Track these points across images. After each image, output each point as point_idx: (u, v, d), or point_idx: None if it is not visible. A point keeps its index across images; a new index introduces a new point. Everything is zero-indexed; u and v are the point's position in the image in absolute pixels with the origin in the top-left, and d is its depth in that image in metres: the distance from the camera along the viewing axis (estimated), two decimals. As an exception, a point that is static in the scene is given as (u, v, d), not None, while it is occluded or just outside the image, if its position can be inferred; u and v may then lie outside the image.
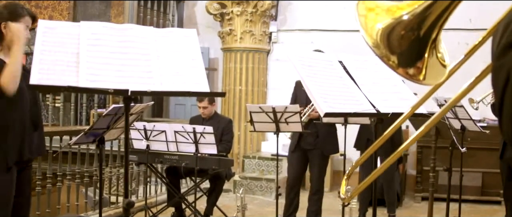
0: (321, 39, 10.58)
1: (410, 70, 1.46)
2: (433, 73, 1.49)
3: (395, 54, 1.45)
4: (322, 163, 6.80)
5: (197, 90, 2.94)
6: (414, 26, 1.42)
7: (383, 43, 1.45)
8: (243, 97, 10.59)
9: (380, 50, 1.45)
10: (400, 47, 1.45)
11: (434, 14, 1.43)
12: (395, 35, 1.43)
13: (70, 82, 2.74)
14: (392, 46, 1.44)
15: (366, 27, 1.50)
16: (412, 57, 1.46)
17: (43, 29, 2.96)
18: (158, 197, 7.97)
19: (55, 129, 8.25)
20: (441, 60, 1.51)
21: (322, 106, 3.23)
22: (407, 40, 1.44)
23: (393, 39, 1.44)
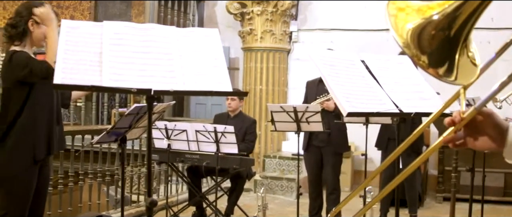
0: (341, 38, 10.57)
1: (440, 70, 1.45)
2: (465, 73, 1.48)
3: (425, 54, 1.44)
4: (336, 160, 6.79)
5: (220, 90, 2.94)
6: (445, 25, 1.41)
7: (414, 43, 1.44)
8: (264, 97, 10.59)
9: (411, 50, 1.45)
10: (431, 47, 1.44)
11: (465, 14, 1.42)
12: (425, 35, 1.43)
13: (94, 82, 2.75)
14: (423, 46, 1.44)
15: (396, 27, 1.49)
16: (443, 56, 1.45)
17: (66, 29, 2.98)
18: (179, 196, 8.01)
19: (77, 128, 8.31)
20: (472, 59, 1.50)
21: (345, 106, 3.21)
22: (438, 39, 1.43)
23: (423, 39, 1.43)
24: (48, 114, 3.89)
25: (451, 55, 1.44)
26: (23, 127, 3.87)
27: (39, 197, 4.12)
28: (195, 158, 6.68)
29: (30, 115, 3.85)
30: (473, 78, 1.51)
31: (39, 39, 3.94)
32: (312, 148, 6.74)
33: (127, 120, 4.60)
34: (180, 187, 8.60)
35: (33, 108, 3.85)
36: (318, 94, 6.67)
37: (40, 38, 3.93)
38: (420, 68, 1.54)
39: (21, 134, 3.87)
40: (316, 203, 6.90)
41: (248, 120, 7.41)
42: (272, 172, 9.93)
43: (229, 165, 6.56)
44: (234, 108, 7.23)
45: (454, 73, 1.45)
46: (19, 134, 3.88)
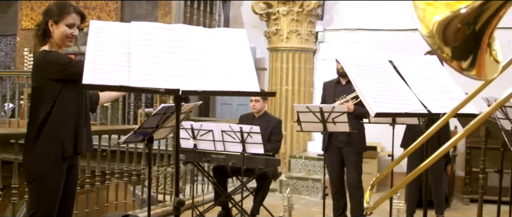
0: (367, 38, 10.53)
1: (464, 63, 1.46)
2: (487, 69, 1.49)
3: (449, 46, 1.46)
4: (357, 160, 6.76)
5: (248, 90, 2.94)
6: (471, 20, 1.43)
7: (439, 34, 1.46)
8: (290, 97, 10.57)
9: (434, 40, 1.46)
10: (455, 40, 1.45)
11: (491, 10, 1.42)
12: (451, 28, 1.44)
13: (122, 82, 2.77)
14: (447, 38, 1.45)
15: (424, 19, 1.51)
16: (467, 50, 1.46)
17: (95, 30, 3.00)
18: (205, 196, 8.03)
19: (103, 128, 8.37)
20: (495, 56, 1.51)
21: (373, 106, 3.20)
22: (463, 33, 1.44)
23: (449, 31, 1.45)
24: (77, 114, 3.92)
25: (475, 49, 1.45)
26: (52, 125, 3.90)
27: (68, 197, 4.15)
28: (221, 158, 6.69)
29: (59, 114, 3.88)
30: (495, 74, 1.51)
31: (60, 39, 3.93)
32: (332, 148, 6.72)
33: (154, 120, 4.61)
34: (206, 187, 8.62)
35: (62, 107, 3.88)
36: (336, 95, 6.65)
37: (60, 38, 3.92)
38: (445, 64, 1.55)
39: (50, 133, 3.90)
40: (340, 204, 6.88)
41: (274, 120, 7.40)
42: (298, 172, 9.93)
43: (255, 165, 6.56)
44: (258, 109, 7.23)
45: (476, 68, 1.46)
46: (49, 133, 3.90)
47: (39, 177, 3.94)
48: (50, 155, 3.89)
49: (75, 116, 3.91)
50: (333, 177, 6.83)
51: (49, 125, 3.91)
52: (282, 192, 8.95)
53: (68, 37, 3.93)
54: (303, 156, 10.09)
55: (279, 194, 9.31)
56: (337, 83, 6.77)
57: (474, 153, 8.73)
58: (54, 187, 3.96)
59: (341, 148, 6.67)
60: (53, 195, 3.97)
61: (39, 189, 3.99)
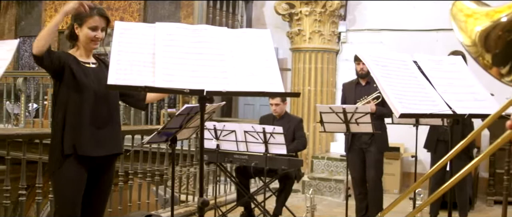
0: (390, 38, 10.48)
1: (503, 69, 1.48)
2: None
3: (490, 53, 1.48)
4: (379, 161, 6.74)
5: (272, 90, 2.94)
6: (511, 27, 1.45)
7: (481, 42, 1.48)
8: (312, 98, 10.55)
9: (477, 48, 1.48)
10: (496, 47, 1.47)
11: None
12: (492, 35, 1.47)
13: (147, 82, 2.78)
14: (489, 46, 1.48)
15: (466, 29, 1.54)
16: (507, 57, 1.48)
17: (120, 30, 3.02)
18: (228, 196, 8.03)
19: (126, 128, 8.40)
20: None
21: (397, 107, 3.18)
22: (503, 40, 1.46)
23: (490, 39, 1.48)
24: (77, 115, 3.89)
25: None
26: (56, 125, 3.95)
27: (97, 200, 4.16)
28: (244, 159, 6.70)
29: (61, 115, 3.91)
30: None
31: (84, 41, 3.95)
32: (355, 149, 6.69)
33: (177, 120, 4.62)
34: (228, 187, 8.63)
35: (61, 107, 3.90)
36: (357, 96, 6.64)
37: (85, 41, 3.94)
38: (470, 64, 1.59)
39: (54, 133, 3.96)
40: (362, 205, 6.85)
41: (294, 119, 7.38)
42: (320, 173, 9.91)
43: (277, 165, 6.56)
44: (279, 112, 7.20)
45: None
46: (53, 132, 3.98)
47: (50, 175, 4.00)
48: (54, 154, 3.93)
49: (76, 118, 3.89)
50: (356, 178, 6.80)
51: (55, 124, 3.98)
52: (305, 193, 8.94)
53: (92, 39, 3.94)
54: (325, 156, 10.06)
55: (301, 194, 9.29)
56: (357, 84, 6.75)
57: (499, 155, 8.65)
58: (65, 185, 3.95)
59: (363, 149, 6.65)
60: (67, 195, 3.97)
61: (53, 187, 4.07)
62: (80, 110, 3.88)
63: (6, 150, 5.54)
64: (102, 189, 4.19)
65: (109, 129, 4.06)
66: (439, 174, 6.45)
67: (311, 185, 9.35)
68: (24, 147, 5.74)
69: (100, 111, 3.98)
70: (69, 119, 3.89)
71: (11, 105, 12.21)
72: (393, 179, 9.64)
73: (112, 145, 4.12)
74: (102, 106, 4.00)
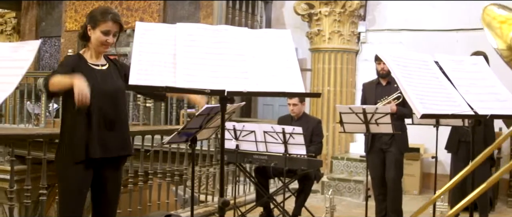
0: (410, 39, 10.42)
1: None
2: None
3: None
4: (399, 161, 6.71)
5: (293, 91, 2.94)
6: None
7: None
8: (332, 98, 10.53)
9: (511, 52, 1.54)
10: None
11: None
12: None
13: (168, 83, 2.79)
14: None
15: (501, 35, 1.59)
16: None
17: (141, 31, 3.03)
18: (247, 197, 8.03)
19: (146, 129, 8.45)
20: None
21: (419, 107, 3.16)
22: None
23: None
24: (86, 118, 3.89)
25: None
26: (66, 129, 3.97)
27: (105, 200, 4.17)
28: (263, 159, 6.69)
29: (71, 117, 3.92)
30: None
31: (95, 44, 3.97)
32: (375, 150, 6.66)
33: (197, 120, 4.63)
34: (247, 187, 8.64)
35: (70, 110, 3.90)
36: (377, 96, 6.60)
37: (96, 43, 3.96)
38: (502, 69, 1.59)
39: (64, 136, 3.97)
40: (382, 206, 6.82)
41: (313, 120, 7.35)
42: (340, 173, 9.89)
43: (297, 166, 6.55)
44: (297, 113, 7.18)
45: None
46: (63, 136, 3.99)
47: (59, 179, 4.02)
48: (64, 159, 3.93)
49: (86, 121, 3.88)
50: (376, 178, 6.77)
51: (64, 128, 4.00)
52: (324, 193, 8.92)
53: (103, 43, 3.95)
54: (345, 157, 10.05)
55: (321, 195, 9.28)
56: (378, 84, 6.72)
57: (520, 156, 8.60)
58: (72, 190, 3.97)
59: (383, 150, 6.62)
60: (73, 198, 3.99)
61: (61, 191, 4.06)
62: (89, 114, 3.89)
63: (27, 150, 5.58)
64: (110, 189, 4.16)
65: (118, 130, 4.07)
66: (460, 177, 6.41)
67: (331, 185, 9.34)
68: (45, 147, 5.78)
69: (108, 113, 3.99)
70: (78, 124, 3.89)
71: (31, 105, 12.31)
72: (413, 180, 9.60)
73: (120, 146, 4.12)
74: (110, 107, 4.00)
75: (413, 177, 9.57)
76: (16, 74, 3.34)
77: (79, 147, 3.89)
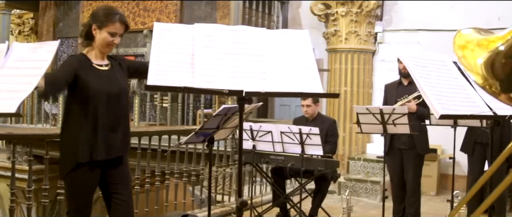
0: (427, 39, 10.36)
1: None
2: None
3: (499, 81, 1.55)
4: (417, 163, 6.66)
5: (311, 91, 2.93)
6: None
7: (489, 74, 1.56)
8: (348, 98, 10.51)
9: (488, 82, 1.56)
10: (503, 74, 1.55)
11: None
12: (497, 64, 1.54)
13: (186, 83, 2.79)
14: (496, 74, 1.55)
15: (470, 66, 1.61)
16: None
17: (159, 31, 3.03)
18: (263, 197, 8.04)
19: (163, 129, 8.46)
20: None
21: (437, 108, 3.15)
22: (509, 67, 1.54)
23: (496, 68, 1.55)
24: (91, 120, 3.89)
25: None
26: (69, 130, 3.95)
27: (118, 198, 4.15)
28: (280, 159, 6.68)
29: (74, 118, 3.92)
30: None
31: (100, 44, 3.96)
32: (394, 151, 6.63)
33: (215, 121, 4.64)
34: (264, 188, 8.64)
35: (76, 111, 3.91)
36: (398, 96, 6.57)
37: (101, 44, 3.95)
38: None
39: (67, 137, 3.96)
40: (400, 207, 6.78)
41: (328, 121, 7.33)
42: (357, 174, 9.86)
43: (313, 166, 6.53)
44: (311, 114, 7.16)
45: None
46: (66, 137, 3.97)
47: (63, 179, 4.05)
48: (68, 160, 3.93)
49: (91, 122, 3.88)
50: (394, 179, 6.74)
51: (66, 129, 3.98)
52: (341, 194, 8.90)
53: (109, 44, 3.95)
54: (361, 158, 10.03)
55: (337, 196, 9.25)
56: (399, 84, 6.69)
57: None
58: (77, 190, 3.99)
59: (402, 150, 6.59)
60: (78, 197, 4.01)
61: (66, 190, 4.09)
62: (93, 115, 3.88)
63: (44, 150, 5.62)
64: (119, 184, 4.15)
65: (120, 131, 4.08)
66: (477, 176, 6.38)
67: (347, 186, 9.33)
68: (63, 147, 5.82)
69: (112, 113, 3.99)
70: (82, 124, 3.90)
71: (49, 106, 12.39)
72: (430, 181, 9.55)
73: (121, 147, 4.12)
74: (114, 108, 4.01)
75: (430, 178, 9.53)
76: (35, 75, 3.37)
77: (84, 149, 3.89)
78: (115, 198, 4.13)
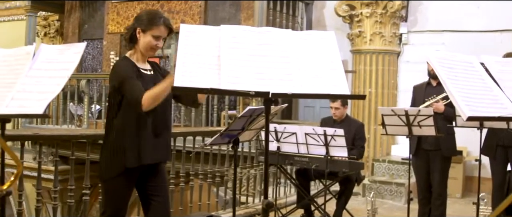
0: (453, 40, 10.29)
1: None
2: None
3: None
4: (444, 165, 6.59)
5: (337, 93, 2.92)
6: None
7: None
8: (373, 100, 10.47)
9: None
10: None
11: None
12: None
13: (213, 84, 2.79)
14: None
15: None
16: None
17: (185, 33, 3.04)
18: (288, 198, 8.02)
19: (188, 130, 8.50)
20: None
21: (465, 110, 3.12)
22: None
23: None
24: (139, 124, 3.90)
25: None
26: (116, 134, 3.95)
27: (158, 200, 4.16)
28: (304, 161, 6.66)
29: (122, 122, 3.92)
30: None
31: (144, 48, 3.96)
32: (421, 152, 6.58)
33: (240, 122, 4.64)
34: (288, 189, 8.63)
35: (124, 115, 3.91)
36: (426, 97, 6.51)
37: (145, 47, 3.95)
38: None
39: (115, 141, 3.96)
40: (425, 209, 6.72)
41: (356, 123, 7.30)
42: (381, 176, 9.81)
43: (338, 168, 6.51)
44: (339, 116, 7.14)
45: None
46: (113, 140, 3.97)
47: (105, 181, 4.05)
48: (114, 163, 3.94)
49: (137, 126, 3.90)
50: (420, 182, 6.69)
51: (114, 132, 3.98)
52: (365, 196, 8.87)
53: (152, 48, 3.96)
54: (386, 159, 9.97)
55: (362, 198, 9.22)
56: (428, 85, 6.63)
57: None
58: (119, 193, 4.03)
59: (429, 152, 6.54)
60: (119, 200, 4.04)
61: (106, 192, 4.10)
62: (141, 120, 3.90)
63: (69, 150, 5.67)
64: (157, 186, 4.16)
65: (165, 135, 4.10)
66: (500, 179, 6.34)
67: (372, 188, 9.29)
68: (88, 148, 5.87)
69: (159, 118, 4.01)
70: (131, 129, 3.91)
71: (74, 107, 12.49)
72: (456, 183, 9.48)
73: (164, 152, 4.15)
74: (161, 113, 4.02)
75: (455, 180, 9.45)
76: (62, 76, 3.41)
77: (132, 154, 3.92)
78: (153, 199, 4.14)
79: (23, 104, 3.28)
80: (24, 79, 3.40)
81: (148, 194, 4.14)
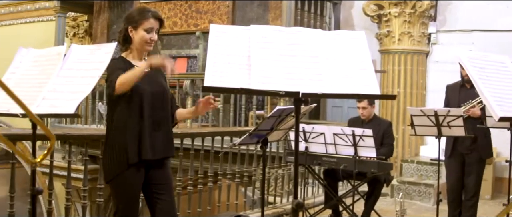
0: (482, 40, 10.18)
1: None
2: None
3: None
4: (480, 167, 6.52)
5: (367, 93, 2.92)
6: None
7: None
8: (402, 100, 10.40)
9: None
10: None
11: None
12: None
13: (243, 84, 2.80)
14: None
15: None
16: None
17: (216, 33, 3.06)
18: (315, 199, 8.03)
19: (215, 130, 8.53)
20: None
21: (497, 110, 3.10)
22: None
23: None
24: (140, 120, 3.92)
25: None
26: (116, 131, 3.98)
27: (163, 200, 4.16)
28: (332, 161, 6.64)
29: (121, 118, 3.94)
30: None
31: (140, 44, 3.98)
32: (455, 154, 6.51)
33: (269, 122, 4.65)
34: (316, 189, 8.62)
35: (122, 111, 3.93)
36: (461, 100, 6.42)
37: (140, 43, 3.97)
38: None
39: (115, 138, 3.98)
40: (455, 212, 6.66)
41: (384, 123, 7.27)
42: (410, 177, 9.75)
43: (367, 169, 6.48)
44: (367, 116, 7.11)
45: None
46: (114, 138, 4.00)
47: (111, 180, 4.05)
48: (116, 160, 3.96)
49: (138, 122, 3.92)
50: (452, 183, 6.62)
51: (114, 130, 4.00)
52: (394, 196, 8.82)
53: (147, 42, 3.97)
54: (415, 160, 9.91)
55: (390, 198, 9.18)
56: (462, 87, 6.53)
57: None
58: (127, 190, 4.03)
59: (464, 154, 6.47)
60: (128, 197, 4.05)
61: (115, 191, 4.10)
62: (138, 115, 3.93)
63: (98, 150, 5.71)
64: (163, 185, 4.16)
65: (164, 131, 4.10)
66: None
67: (400, 189, 9.24)
68: (116, 147, 5.91)
69: (157, 114, 4.03)
70: (130, 125, 3.93)
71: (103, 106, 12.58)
72: (485, 185, 9.36)
73: (166, 147, 4.14)
74: (159, 109, 4.05)
75: (485, 181, 9.32)
76: (93, 76, 3.45)
77: (133, 149, 3.94)
78: (159, 199, 4.15)
79: (54, 103, 3.32)
80: (55, 79, 3.44)
81: (153, 194, 4.15)
